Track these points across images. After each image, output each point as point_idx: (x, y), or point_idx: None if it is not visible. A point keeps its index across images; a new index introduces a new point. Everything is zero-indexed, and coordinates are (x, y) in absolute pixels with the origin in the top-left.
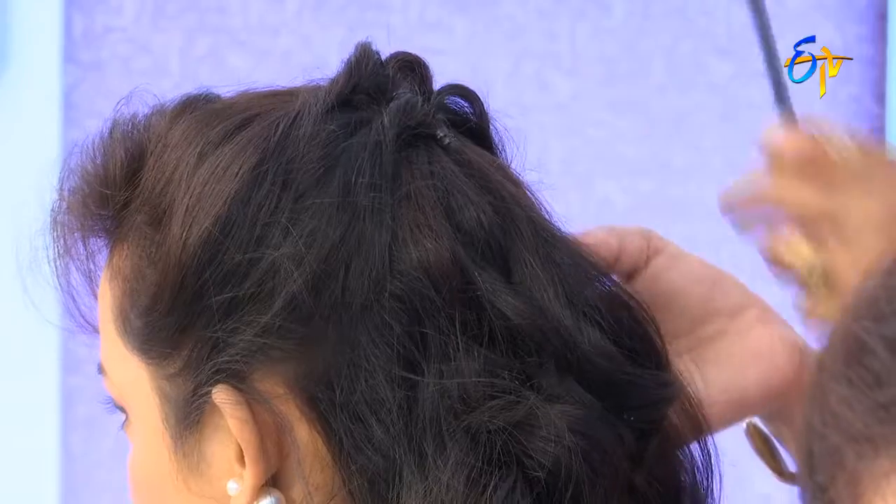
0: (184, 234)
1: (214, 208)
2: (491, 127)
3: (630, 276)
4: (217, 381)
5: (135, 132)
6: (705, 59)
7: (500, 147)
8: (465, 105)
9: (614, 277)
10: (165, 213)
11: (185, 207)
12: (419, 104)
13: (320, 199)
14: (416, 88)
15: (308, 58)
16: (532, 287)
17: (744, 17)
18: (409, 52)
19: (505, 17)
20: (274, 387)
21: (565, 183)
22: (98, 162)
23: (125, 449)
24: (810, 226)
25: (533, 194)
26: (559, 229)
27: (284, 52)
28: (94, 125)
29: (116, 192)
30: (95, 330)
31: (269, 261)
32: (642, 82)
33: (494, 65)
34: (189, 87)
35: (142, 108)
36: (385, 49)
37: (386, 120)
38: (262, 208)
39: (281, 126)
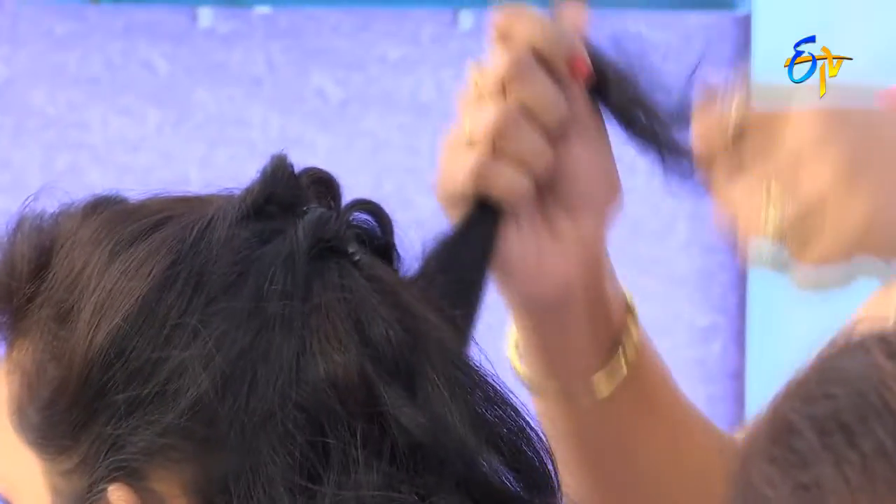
0: (91, 330)
1: (125, 306)
2: (394, 244)
3: None
4: (114, 479)
5: (43, 228)
6: None
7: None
8: (373, 221)
9: (517, 404)
10: (73, 308)
11: (93, 304)
12: (332, 219)
13: (232, 303)
14: (328, 204)
15: (168, 174)
16: (437, 406)
17: None
18: (321, 168)
19: (366, 133)
20: (171, 487)
21: None
22: (4, 256)
23: None
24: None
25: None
26: (466, 352)
27: (145, 168)
28: None
29: (22, 286)
30: None
31: (177, 361)
32: None
33: (356, 181)
34: (48, 203)
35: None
36: (247, 166)
37: (300, 232)
38: (173, 309)
39: (195, 229)
